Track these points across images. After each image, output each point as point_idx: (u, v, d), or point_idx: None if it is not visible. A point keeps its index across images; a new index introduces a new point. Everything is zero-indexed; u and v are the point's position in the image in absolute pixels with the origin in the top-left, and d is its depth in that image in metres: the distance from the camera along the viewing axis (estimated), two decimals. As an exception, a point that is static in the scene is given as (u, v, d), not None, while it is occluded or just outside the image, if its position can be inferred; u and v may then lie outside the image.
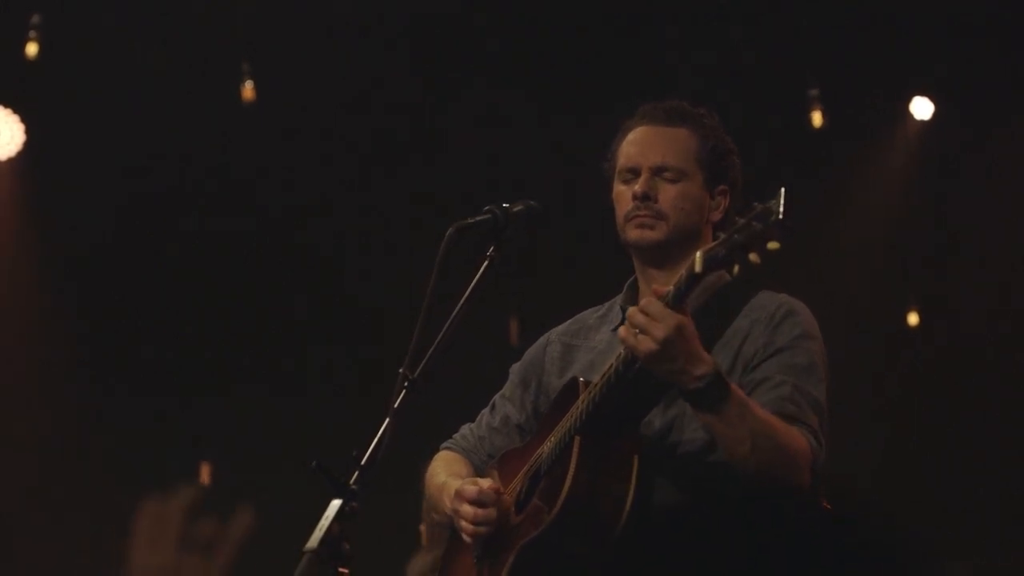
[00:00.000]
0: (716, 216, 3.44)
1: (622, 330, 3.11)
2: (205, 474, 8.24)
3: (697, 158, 3.45)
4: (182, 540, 1.77)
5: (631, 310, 3.10)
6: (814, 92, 8.12)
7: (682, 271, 3.07)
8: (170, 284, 8.34)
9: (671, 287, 3.08)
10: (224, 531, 1.76)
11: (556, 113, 8.13)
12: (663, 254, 3.41)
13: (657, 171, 3.43)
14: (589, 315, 3.66)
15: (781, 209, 2.92)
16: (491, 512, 3.36)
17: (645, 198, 3.41)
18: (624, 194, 3.46)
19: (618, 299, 3.58)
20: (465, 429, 3.73)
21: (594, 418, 3.23)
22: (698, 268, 3.02)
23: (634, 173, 3.45)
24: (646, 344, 3.05)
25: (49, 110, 8.17)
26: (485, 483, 3.41)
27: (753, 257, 2.96)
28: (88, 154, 8.12)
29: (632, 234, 3.43)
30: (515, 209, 3.28)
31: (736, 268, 3.00)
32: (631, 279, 3.55)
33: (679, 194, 3.42)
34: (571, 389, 3.36)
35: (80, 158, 8.15)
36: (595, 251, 5.81)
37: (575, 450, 3.23)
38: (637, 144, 3.48)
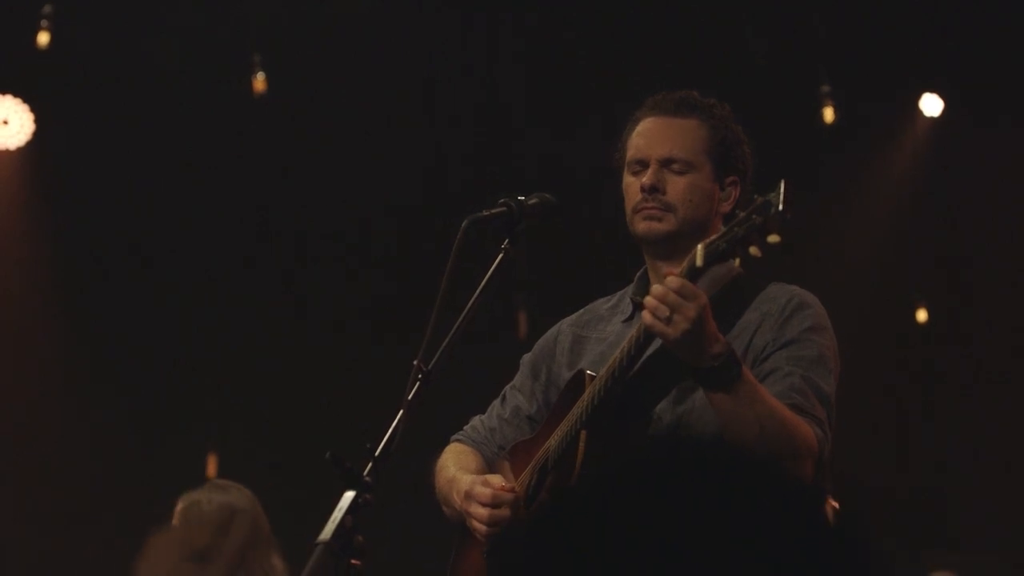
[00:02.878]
0: (726, 207, 3.40)
1: (645, 315, 3.07)
2: (212, 466, 8.23)
3: (706, 149, 3.42)
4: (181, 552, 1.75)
5: (659, 290, 3.05)
6: (825, 89, 8.13)
7: (683, 265, 3.07)
8: (176, 275, 8.34)
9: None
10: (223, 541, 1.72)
11: (560, 109, 8.14)
12: (672, 246, 3.38)
13: (665, 163, 3.40)
14: (600, 305, 3.64)
15: (781, 201, 2.91)
16: (505, 512, 3.34)
17: (652, 190, 3.39)
18: (633, 186, 3.43)
19: (628, 290, 3.56)
20: (476, 421, 3.71)
21: (600, 412, 3.22)
22: (699, 262, 3.01)
23: (642, 165, 3.43)
24: (680, 325, 3.02)
25: (59, 100, 8.17)
26: (496, 480, 3.39)
27: (754, 250, 2.95)
28: (97, 144, 8.12)
29: (640, 227, 3.41)
30: (530, 202, 3.27)
31: (738, 261, 2.99)
32: (641, 270, 3.53)
33: (687, 186, 3.39)
34: (578, 382, 3.35)
35: (89, 148, 8.16)
36: (605, 243, 5.82)
37: (581, 444, 3.23)
38: (645, 136, 3.46)
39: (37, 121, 8.18)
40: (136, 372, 8.29)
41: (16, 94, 8.17)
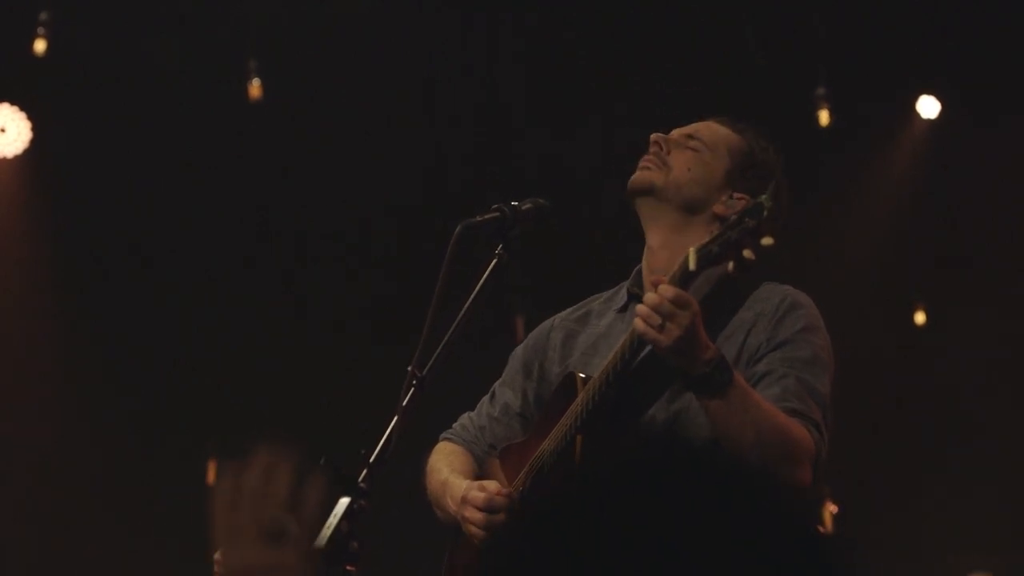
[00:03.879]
0: (723, 211, 3.34)
1: (638, 322, 3.07)
2: (212, 472, 8.21)
3: (730, 150, 3.41)
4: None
5: (653, 298, 3.04)
6: (820, 91, 8.12)
7: (675, 269, 3.07)
8: (176, 275, 8.34)
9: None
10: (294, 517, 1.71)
11: (560, 109, 8.13)
12: (652, 205, 3.39)
13: (686, 138, 3.43)
14: (594, 301, 3.63)
15: (772, 204, 2.91)
16: (501, 517, 3.32)
17: (656, 144, 3.42)
18: None
19: (626, 284, 3.55)
20: (465, 419, 3.69)
21: (594, 416, 3.21)
22: (692, 266, 3.00)
23: (667, 134, 3.47)
24: (673, 333, 3.02)
25: (58, 100, 8.17)
26: (491, 486, 3.37)
27: (747, 254, 2.94)
28: (97, 145, 8.12)
29: (632, 177, 3.43)
30: (524, 207, 3.25)
31: (731, 265, 2.98)
32: (639, 264, 3.52)
33: (693, 157, 3.40)
34: (569, 384, 3.34)
35: (87, 156, 8.15)
36: (604, 243, 5.81)
37: (577, 448, 3.23)
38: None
39: (35, 124, 8.17)
40: (136, 372, 8.29)
41: (13, 101, 8.16)
